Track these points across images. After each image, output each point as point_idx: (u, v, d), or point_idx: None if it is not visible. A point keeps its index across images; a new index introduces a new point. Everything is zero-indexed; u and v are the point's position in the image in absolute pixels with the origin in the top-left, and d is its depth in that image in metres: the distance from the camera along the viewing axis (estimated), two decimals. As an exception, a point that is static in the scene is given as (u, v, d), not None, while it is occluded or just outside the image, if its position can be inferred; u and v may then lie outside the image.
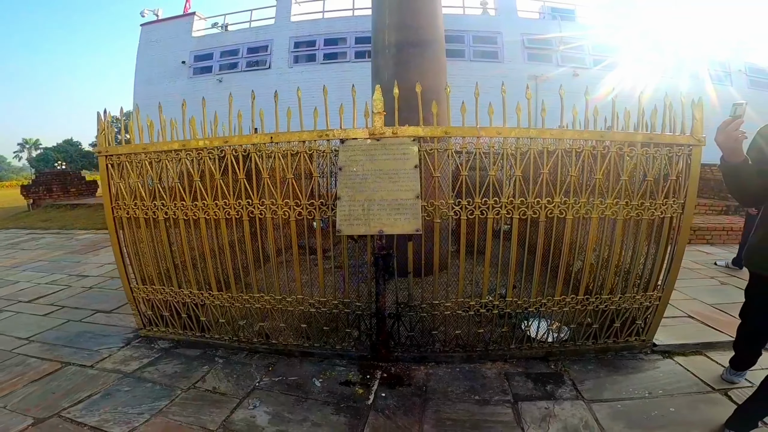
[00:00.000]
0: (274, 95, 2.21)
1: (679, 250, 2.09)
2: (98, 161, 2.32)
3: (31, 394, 2.09)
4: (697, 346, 2.48)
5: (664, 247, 2.09)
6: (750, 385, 2.06)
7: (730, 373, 2.10)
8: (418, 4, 3.76)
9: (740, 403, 1.84)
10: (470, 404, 1.95)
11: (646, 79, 10.51)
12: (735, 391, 2.02)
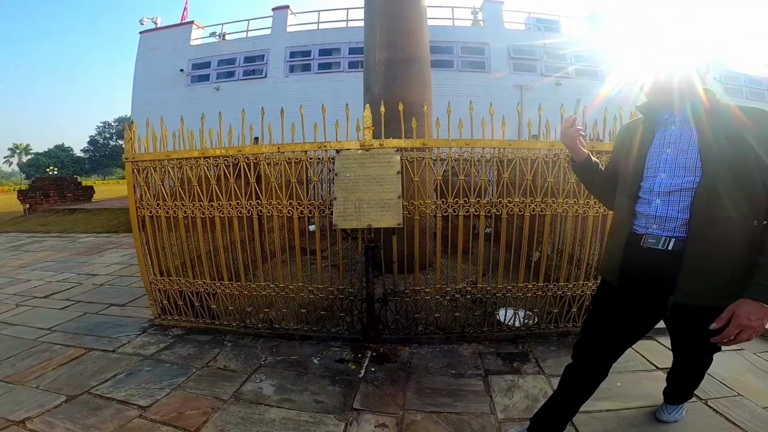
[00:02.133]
0: (280, 112, 2.54)
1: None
2: (125, 166, 2.64)
3: (61, 375, 2.36)
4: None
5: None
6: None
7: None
8: (406, 25, 4.14)
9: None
10: (447, 377, 2.28)
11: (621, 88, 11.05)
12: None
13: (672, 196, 1.30)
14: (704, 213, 1.24)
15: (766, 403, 2.01)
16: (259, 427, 1.85)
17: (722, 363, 2.41)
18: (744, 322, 1.18)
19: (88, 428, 1.84)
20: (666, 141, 1.35)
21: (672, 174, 1.31)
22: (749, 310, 1.18)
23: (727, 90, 12.59)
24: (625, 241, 1.40)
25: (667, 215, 1.31)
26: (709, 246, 1.24)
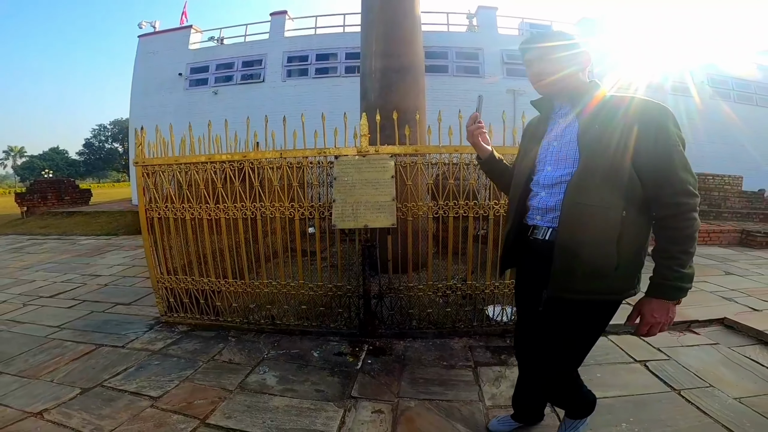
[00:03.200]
0: (283, 120, 2.70)
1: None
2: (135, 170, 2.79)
3: (74, 370, 2.47)
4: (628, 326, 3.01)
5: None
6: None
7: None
8: (400, 34, 4.31)
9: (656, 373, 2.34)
10: (439, 368, 2.43)
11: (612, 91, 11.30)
12: (652, 362, 2.49)
13: (554, 188, 1.33)
14: (572, 203, 1.25)
15: (736, 394, 2.13)
16: (264, 414, 1.99)
17: (697, 356, 2.59)
18: (650, 320, 1.25)
19: (103, 418, 1.96)
20: (554, 134, 1.38)
21: (555, 166, 1.34)
22: (652, 308, 1.24)
23: (715, 93, 12.86)
24: (517, 233, 1.45)
25: (548, 206, 1.34)
26: (577, 236, 1.25)
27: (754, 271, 4.71)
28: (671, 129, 1.20)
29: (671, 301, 1.24)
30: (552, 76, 1.33)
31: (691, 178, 1.20)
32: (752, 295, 3.77)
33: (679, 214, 1.19)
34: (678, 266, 1.19)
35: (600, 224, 1.22)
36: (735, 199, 8.51)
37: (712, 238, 6.52)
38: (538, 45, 1.35)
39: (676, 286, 1.20)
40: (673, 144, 1.19)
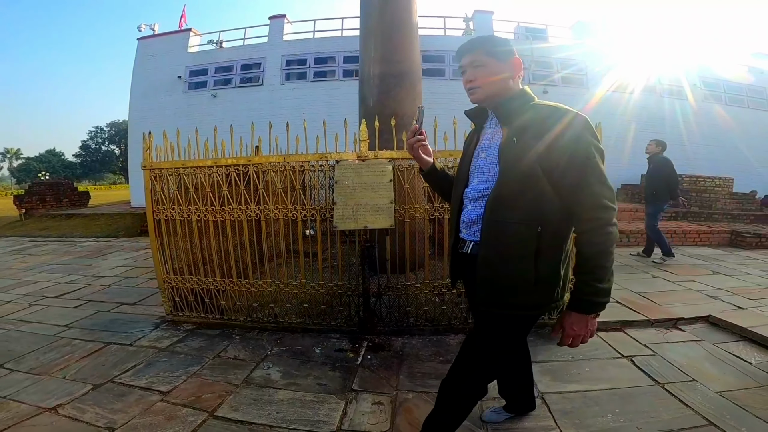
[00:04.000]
0: (286, 126, 2.82)
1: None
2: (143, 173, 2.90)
3: (84, 367, 2.56)
4: (617, 323, 3.13)
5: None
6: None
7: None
8: (398, 41, 4.44)
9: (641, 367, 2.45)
10: (436, 363, 2.55)
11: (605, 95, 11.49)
12: (638, 357, 2.61)
13: (477, 202, 1.31)
14: (489, 218, 1.25)
15: (718, 387, 2.24)
16: (270, 406, 2.09)
17: (681, 352, 2.71)
18: (569, 333, 1.25)
19: (115, 412, 2.05)
20: (483, 145, 1.36)
21: (480, 179, 1.32)
22: (572, 321, 1.24)
23: (709, 95, 13.03)
24: (453, 245, 1.46)
25: (471, 219, 1.33)
26: (494, 251, 1.24)
27: (741, 271, 4.85)
28: (587, 141, 1.17)
29: (589, 315, 1.22)
30: (482, 83, 1.30)
31: (607, 191, 1.17)
32: (738, 293, 3.90)
33: (594, 228, 1.16)
34: (593, 281, 1.18)
35: (516, 240, 1.21)
36: (726, 200, 8.69)
37: (702, 238, 6.67)
38: (469, 51, 1.32)
39: (592, 300, 1.19)
40: (588, 157, 1.16)
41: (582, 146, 1.17)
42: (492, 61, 1.28)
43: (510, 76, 1.30)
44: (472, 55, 1.30)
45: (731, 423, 1.91)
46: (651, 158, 5.34)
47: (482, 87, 1.30)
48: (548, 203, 1.19)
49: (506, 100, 1.29)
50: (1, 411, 2.05)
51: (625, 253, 5.85)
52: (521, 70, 1.32)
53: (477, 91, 1.31)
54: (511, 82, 1.31)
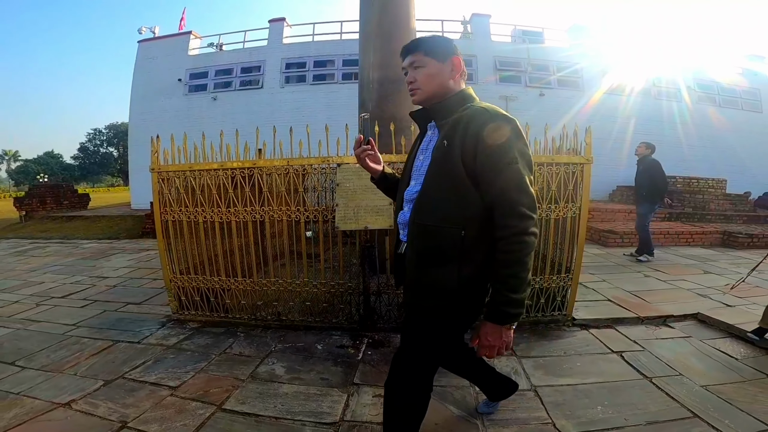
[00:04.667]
0: (289, 130, 2.92)
1: (580, 242, 2.89)
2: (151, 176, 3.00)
3: (95, 364, 2.64)
4: (608, 321, 3.24)
5: (569, 239, 2.89)
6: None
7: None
8: (396, 46, 4.48)
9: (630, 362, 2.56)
10: (433, 358, 2.65)
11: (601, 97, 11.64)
12: (627, 353, 2.71)
13: (411, 203, 1.31)
14: (413, 219, 1.25)
15: (703, 382, 2.34)
16: (275, 399, 2.19)
17: (669, 348, 2.82)
18: (484, 342, 1.20)
19: (127, 406, 2.13)
20: (422, 147, 1.35)
21: (416, 181, 1.32)
22: (486, 331, 1.19)
23: (702, 97, 13.20)
24: (395, 247, 1.49)
25: (405, 221, 1.33)
26: (417, 253, 1.25)
27: (732, 270, 4.97)
28: (510, 145, 1.14)
29: (502, 326, 1.17)
30: (422, 84, 1.29)
31: (525, 199, 1.13)
32: (727, 292, 4.01)
33: (509, 236, 1.12)
34: (507, 290, 1.14)
35: (439, 243, 1.20)
36: (719, 201, 8.83)
37: (695, 239, 6.80)
38: (410, 52, 1.31)
39: (504, 311, 1.15)
40: (509, 162, 1.13)
41: (505, 151, 1.13)
42: (432, 61, 1.27)
43: (450, 77, 1.28)
44: (413, 55, 1.29)
45: (715, 415, 2.00)
46: (641, 160, 5.47)
47: (422, 88, 1.29)
48: (473, 207, 1.17)
49: (443, 102, 1.28)
50: (17, 407, 2.12)
51: (619, 253, 5.98)
52: (461, 69, 1.30)
53: (417, 92, 1.30)
54: (452, 83, 1.29)
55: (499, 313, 1.16)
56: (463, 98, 1.28)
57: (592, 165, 2.80)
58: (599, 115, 11.67)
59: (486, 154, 1.13)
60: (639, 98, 12.24)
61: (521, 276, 1.14)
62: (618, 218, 7.87)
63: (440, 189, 1.21)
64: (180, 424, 1.98)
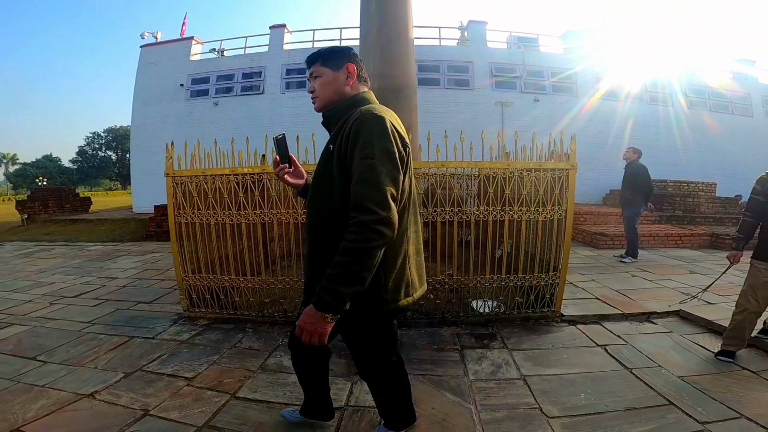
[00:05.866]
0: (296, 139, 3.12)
1: (566, 242, 3.10)
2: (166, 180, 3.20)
3: (113, 358, 2.80)
4: (595, 317, 3.44)
5: (555, 240, 3.10)
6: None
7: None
8: (395, 57, 4.77)
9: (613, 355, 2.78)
10: (431, 351, 2.85)
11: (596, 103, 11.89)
12: (611, 346, 2.90)
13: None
14: (307, 223, 1.37)
15: (680, 373, 2.52)
16: (284, 388, 2.38)
17: (651, 342, 3.01)
18: (299, 322, 1.21)
19: (148, 396, 2.29)
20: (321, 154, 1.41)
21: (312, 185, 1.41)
22: (306, 312, 1.20)
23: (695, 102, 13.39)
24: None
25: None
26: (311, 253, 1.35)
27: (717, 270, 5.14)
28: (370, 141, 1.16)
29: (318, 312, 1.17)
30: (320, 93, 1.36)
31: (374, 194, 1.13)
32: (710, 291, 4.19)
33: (351, 226, 1.14)
34: (330, 277, 1.15)
35: (326, 243, 1.24)
36: (708, 204, 9.07)
37: (684, 241, 7.03)
38: (310, 63, 1.39)
39: (323, 297, 1.15)
40: (364, 157, 1.16)
41: (364, 147, 1.16)
42: (327, 70, 1.34)
43: (345, 83, 1.34)
44: (313, 67, 1.38)
45: (689, 403, 2.17)
46: (628, 165, 5.70)
47: (320, 96, 1.36)
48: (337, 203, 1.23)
49: (335, 108, 1.35)
50: (43, 398, 2.27)
51: (609, 254, 6.19)
52: (354, 74, 1.35)
53: (316, 100, 1.38)
54: (347, 89, 1.35)
55: (319, 297, 1.16)
56: (354, 102, 1.33)
57: (576, 171, 3.02)
58: (595, 120, 11.93)
59: (356, 154, 1.17)
60: (633, 103, 12.49)
61: (351, 269, 1.13)
62: (610, 221, 8.09)
63: (323, 191, 1.28)
64: (198, 410, 2.15)
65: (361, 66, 1.41)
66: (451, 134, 3.06)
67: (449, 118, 10.87)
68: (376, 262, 1.17)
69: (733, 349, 2.70)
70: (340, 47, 1.40)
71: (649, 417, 2.07)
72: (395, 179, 1.19)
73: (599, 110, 12.08)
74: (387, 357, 1.58)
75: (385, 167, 1.16)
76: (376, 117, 1.20)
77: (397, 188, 1.20)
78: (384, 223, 1.14)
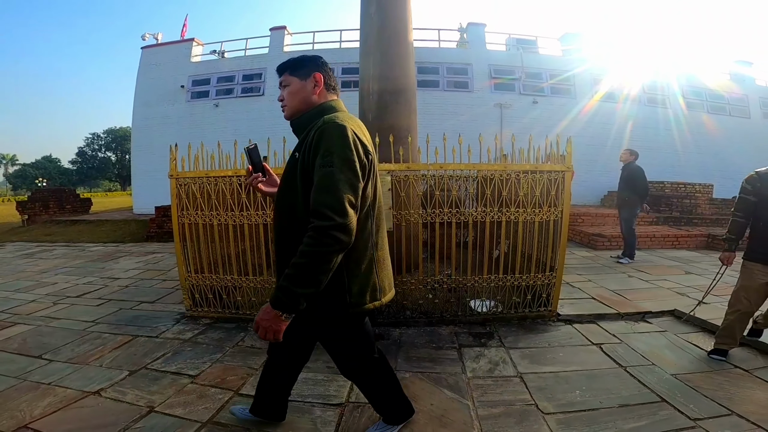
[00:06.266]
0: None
1: (562, 243, 3.17)
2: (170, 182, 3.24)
3: (118, 356, 2.85)
4: (591, 317, 3.50)
5: (551, 240, 3.17)
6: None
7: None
8: (395, 59, 4.82)
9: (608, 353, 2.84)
10: (429, 349, 2.91)
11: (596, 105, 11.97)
12: (606, 345, 2.96)
13: None
14: (273, 223, 1.45)
15: (674, 371, 2.58)
16: (286, 385, 2.43)
17: (645, 341, 3.07)
18: (257, 319, 1.26)
19: (153, 393, 2.34)
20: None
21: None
22: (263, 310, 1.25)
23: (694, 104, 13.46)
24: None
25: None
26: (277, 253, 1.42)
27: (712, 271, 5.16)
28: (330, 150, 1.21)
29: (274, 309, 1.23)
30: (287, 101, 1.42)
31: (330, 200, 1.18)
32: (704, 290, 4.26)
33: (309, 230, 1.19)
34: (287, 277, 1.20)
35: (290, 245, 1.29)
36: (705, 205, 9.15)
37: (681, 242, 7.09)
38: (280, 72, 1.44)
39: (278, 295, 1.21)
40: (322, 165, 1.21)
41: (323, 156, 1.22)
42: (294, 80, 1.40)
43: (312, 92, 1.40)
44: (282, 76, 1.43)
45: (681, 400, 2.23)
46: (625, 166, 5.76)
47: (288, 105, 1.42)
48: (300, 206, 1.30)
49: (301, 116, 1.41)
50: (50, 395, 2.31)
51: (606, 255, 6.26)
52: (321, 83, 1.41)
53: (285, 109, 1.44)
54: (314, 98, 1.41)
55: (275, 296, 1.23)
56: (320, 111, 1.38)
57: (572, 173, 3.08)
58: (593, 122, 12.01)
59: (313, 161, 1.25)
60: (631, 105, 12.57)
61: (307, 272, 1.19)
62: (608, 222, 8.16)
63: (288, 196, 1.35)
64: (202, 407, 2.21)
65: (330, 75, 1.46)
66: (451, 136, 3.12)
67: (448, 120, 10.95)
68: (332, 266, 1.22)
69: (725, 348, 2.74)
70: (310, 56, 1.44)
71: (642, 413, 2.12)
72: (354, 187, 1.23)
73: (598, 112, 12.17)
74: (364, 356, 1.63)
75: (344, 175, 1.21)
76: (338, 126, 1.24)
77: (356, 195, 1.24)
78: (340, 230, 1.18)
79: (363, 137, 1.33)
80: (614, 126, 12.22)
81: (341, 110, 1.43)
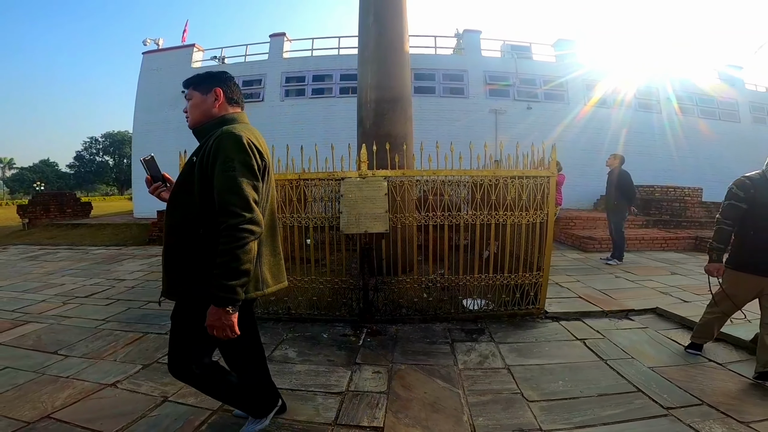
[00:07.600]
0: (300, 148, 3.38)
1: (548, 243, 3.38)
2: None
3: (131, 352, 3.00)
4: (576, 314, 3.70)
5: (537, 241, 3.37)
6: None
7: None
8: (391, 69, 5.04)
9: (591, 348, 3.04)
10: (424, 344, 3.10)
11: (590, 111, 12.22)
12: (590, 340, 3.15)
13: None
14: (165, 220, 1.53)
15: (651, 364, 2.74)
16: (290, 376, 2.61)
17: (627, 336, 3.25)
18: (207, 322, 1.37)
19: (166, 384, 2.47)
20: None
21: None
22: (210, 312, 1.37)
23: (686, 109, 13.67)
24: None
25: None
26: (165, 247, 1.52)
27: (697, 272, 5.44)
28: (230, 156, 1.36)
29: (220, 308, 1.34)
30: (190, 113, 1.56)
31: (236, 200, 1.33)
32: (687, 290, 4.48)
33: (222, 231, 1.33)
34: (219, 276, 1.33)
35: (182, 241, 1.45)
36: (694, 209, 9.39)
37: (669, 244, 7.32)
38: (185, 86, 1.58)
39: (217, 294, 1.33)
40: (224, 170, 1.35)
41: (224, 161, 1.36)
42: (197, 94, 1.55)
43: (212, 105, 1.54)
44: (188, 90, 1.58)
45: (656, 390, 2.39)
46: (611, 171, 5.96)
47: (190, 116, 1.56)
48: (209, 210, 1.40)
49: (201, 126, 1.55)
50: (69, 388, 2.46)
51: (596, 257, 6.47)
52: (222, 98, 1.55)
53: (188, 120, 1.58)
54: (215, 110, 1.55)
55: (214, 296, 1.34)
56: (221, 122, 1.52)
57: (556, 178, 3.29)
58: (587, 127, 12.25)
59: (217, 167, 1.37)
60: (624, 110, 12.82)
61: (232, 266, 1.32)
62: (599, 225, 8.38)
63: (183, 196, 1.48)
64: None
65: (233, 89, 1.60)
66: (446, 143, 3.33)
67: (444, 126, 11.19)
68: (253, 255, 1.38)
69: (700, 342, 2.90)
70: (215, 72, 1.59)
71: (619, 402, 2.29)
72: (255, 186, 1.41)
73: (591, 118, 12.41)
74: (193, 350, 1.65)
75: (246, 177, 1.37)
76: (234, 135, 1.39)
77: (258, 194, 1.42)
78: (250, 222, 1.35)
79: (257, 143, 1.47)
80: (607, 131, 12.45)
81: (241, 122, 1.57)
